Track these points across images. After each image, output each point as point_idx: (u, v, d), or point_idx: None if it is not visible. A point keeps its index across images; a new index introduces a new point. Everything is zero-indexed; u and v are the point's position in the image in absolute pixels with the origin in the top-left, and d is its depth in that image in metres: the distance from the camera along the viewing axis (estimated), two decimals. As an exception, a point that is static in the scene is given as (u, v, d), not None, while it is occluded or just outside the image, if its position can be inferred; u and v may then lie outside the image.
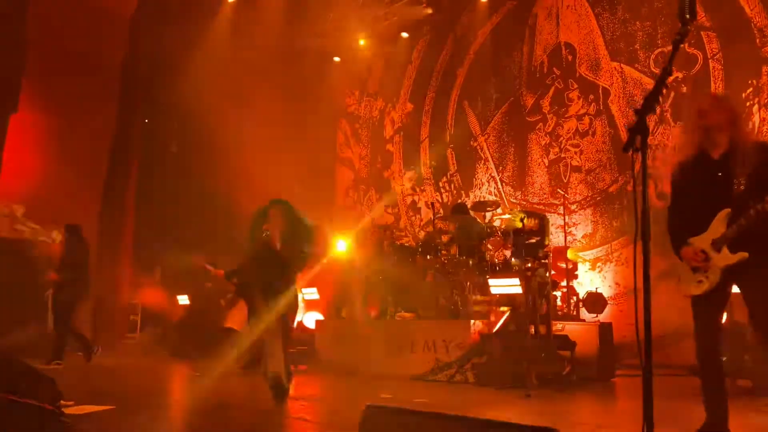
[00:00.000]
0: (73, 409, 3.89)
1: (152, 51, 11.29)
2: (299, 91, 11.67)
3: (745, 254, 3.20)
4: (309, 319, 8.40)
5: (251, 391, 5.21)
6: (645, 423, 1.83)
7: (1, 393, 3.42)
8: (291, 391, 4.80)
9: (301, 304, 9.03)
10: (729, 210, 3.24)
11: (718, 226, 3.28)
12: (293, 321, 6.02)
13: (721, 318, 3.66)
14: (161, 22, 10.75)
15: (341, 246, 9.56)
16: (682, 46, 7.97)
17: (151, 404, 4.85)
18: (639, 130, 1.91)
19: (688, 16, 2.30)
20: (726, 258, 3.24)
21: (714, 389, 3.40)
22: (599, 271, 8.53)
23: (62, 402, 3.63)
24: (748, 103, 7.46)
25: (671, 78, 8.08)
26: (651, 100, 2.01)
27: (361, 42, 11.76)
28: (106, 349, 10.20)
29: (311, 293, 8.54)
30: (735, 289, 3.51)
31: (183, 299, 9.96)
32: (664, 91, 8.27)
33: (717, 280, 3.27)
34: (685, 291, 3.44)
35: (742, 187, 3.23)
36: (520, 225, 6.60)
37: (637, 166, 2.11)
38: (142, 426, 3.80)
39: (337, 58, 12.31)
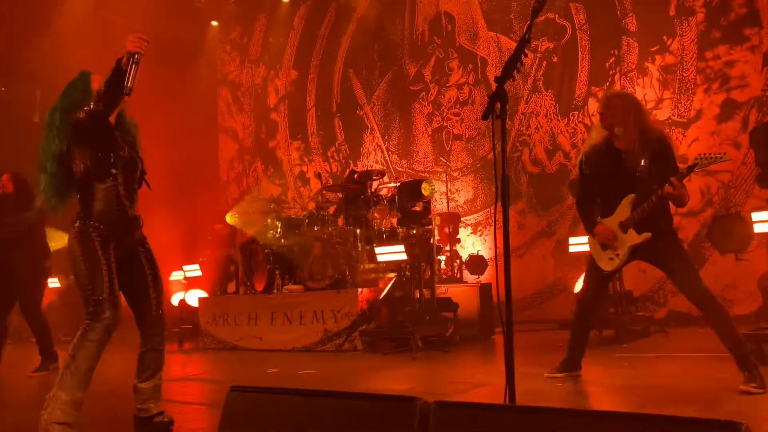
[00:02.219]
0: None
1: (3, 14, 10.21)
2: (175, 57, 11.00)
3: (649, 234, 3.62)
4: (192, 297, 8.10)
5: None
6: (507, 383, 1.91)
7: None
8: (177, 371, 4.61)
9: (183, 282, 8.69)
10: (634, 195, 3.66)
11: (624, 210, 3.70)
12: None
13: (608, 286, 4.26)
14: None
15: (226, 219, 9.25)
16: (551, 16, 8.26)
17: (12, 394, 4.48)
18: (498, 97, 1.94)
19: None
20: (633, 238, 3.67)
21: (580, 339, 4.00)
22: (480, 235, 8.89)
23: None
24: (611, 72, 7.97)
25: (543, 48, 8.45)
26: (509, 67, 2.06)
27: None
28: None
29: (194, 270, 8.22)
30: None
31: (54, 282, 9.24)
32: (532, 58, 8.57)
33: (626, 257, 3.72)
34: (599, 265, 3.86)
35: (644, 172, 3.63)
36: (427, 193, 6.74)
37: (498, 134, 2.15)
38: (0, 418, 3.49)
39: (214, 22, 11.73)
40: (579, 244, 6.28)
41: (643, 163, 3.64)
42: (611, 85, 7.94)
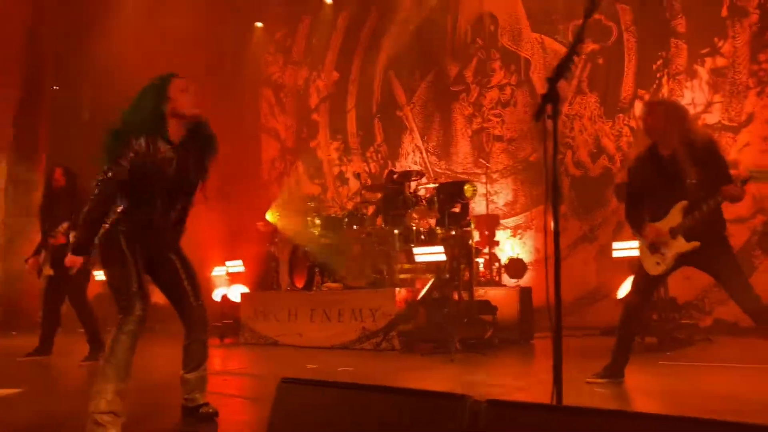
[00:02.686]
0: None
1: (62, 16, 10.62)
2: (220, 58, 11.24)
3: (698, 243, 3.61)
4: (234, 292, 8.25)
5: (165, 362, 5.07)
6: (555, 383, 1.91)
7: None
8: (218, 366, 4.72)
9: (226, 278, 8.87)
10: (686, 202, 3.64)
11: (675, 216, 3.68)
12: None
13: (655, 292, 4.22)
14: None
15: (268, 218, 9.40)
16: (598, 17, 8.13)
17: (65, 383, 4.65)
18: (550, 97, 1.94)
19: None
20: (681, 245, 3.66)
21: (624, 345, 3.93)
22: (520, 238, 8.80)
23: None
24: (658, 74, 7.81)
25: (588, 49, 8.33)
26: (561, 68, 2.05)
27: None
28: (20, 330, 9.72)
29: (236, 266, 8.38)
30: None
31: (100, 274, 9.53)
32: (576, 60, 8.46)
33: (672, 263, 3.71)
34: (646, 270, 3.84)
35: (693, 181, 3.61)
36: (470, 194, 6.76)
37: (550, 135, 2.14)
38: (50, 408, 3.64)
39: (259, 24, 11.92)
40: (623, 249, 6.17)
41: (692, 171, 3.60)
42: (658, 88, 7.78)
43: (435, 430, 1.44)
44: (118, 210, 2.99)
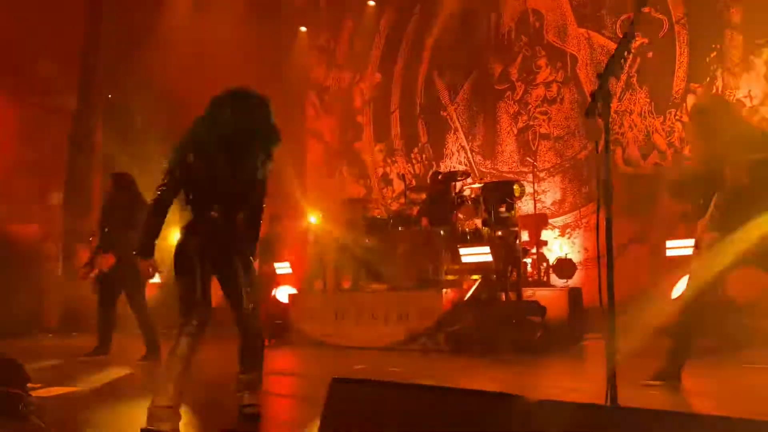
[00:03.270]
0: (41, 392, 3.83)
1: (115, 25, 10.99)
2: (265, 63, 11.43)
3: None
4: (282, 293, 8.37)
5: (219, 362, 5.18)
6: (608, 383, 1.87)
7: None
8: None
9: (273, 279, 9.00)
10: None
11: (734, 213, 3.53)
12: None
13: (714, 292, 3.99)
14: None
15: (313, 220, 9.51)
16: (647, 10, 7.93)
17: (123, 383, 4.81)
18: (601, 94, 1.90)
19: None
20: (743, 240, 3.49)
21: (681, 347, 3.82)
22: (568, 237, 8.64)
23: (30, 385, 3.58)
24: (712, 67, 7.54)
25: (637, 43, 8.11)
26: (613, 64, 2.01)
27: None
28: (80, 331, 10.11)
29: (284, 267, 8.50)
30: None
31: (155, 279, 9.81)
32: (628, 56, 8.20)
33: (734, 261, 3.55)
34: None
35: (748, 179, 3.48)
36: (518, 194, 6.70)
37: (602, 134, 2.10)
38: (112, 407, 3.76)
39: (303, 28, 12.07)
40: (676, 248, 5.99)
41: (747, 168, 3.46)
42: (712, 81, 7.52)
43: (487, 430, 1.43)
44: (187, 219, 3.17)
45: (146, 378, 4.91)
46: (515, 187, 6.62)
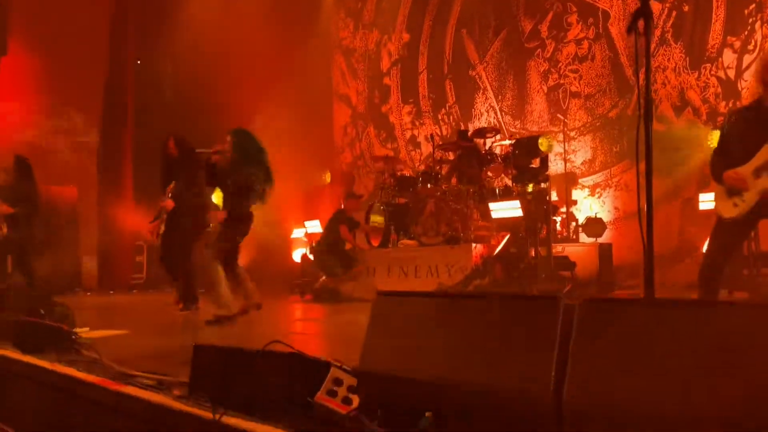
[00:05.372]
0: (88, 334, 4.01)
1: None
2: (293, 27, 11.41)
3: None
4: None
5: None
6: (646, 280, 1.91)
7: (22, 316, 3.61)
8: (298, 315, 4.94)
9: (304, 239, 9.15)
10: None
11: (763, 155, 3.44)
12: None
13: (737, 247, 3.90)
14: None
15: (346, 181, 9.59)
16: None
17: (164, 327, 5.00)
18: (642, 13, 1.90)
19: None
20: (765, 183, 3.40)
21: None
22: (599, 197, 8.58)
23: (77, 328, 3.77)
24: (750, 20, 7.32)
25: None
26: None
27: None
28: (116, 290, 10.45)
29: (314, 226, 8.63)
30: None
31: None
32: (659, 8, 7.94)
33: (753, 203, 3.45)
34: (720, 213, 3.63)
35: None
36: (545, 148, 6.67)
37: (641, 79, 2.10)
38: (155, 344, 3.93)
39: (330, -11, 12.00)
40: (710, 201, 5.91)
41: None
42: (750, 34, 7.31)
43: (532, 329, 1.50)
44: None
45: (185, 324, 5.11)
46: (540, 140, 6.58)
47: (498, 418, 1.45)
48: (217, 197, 6.11)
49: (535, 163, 6.82)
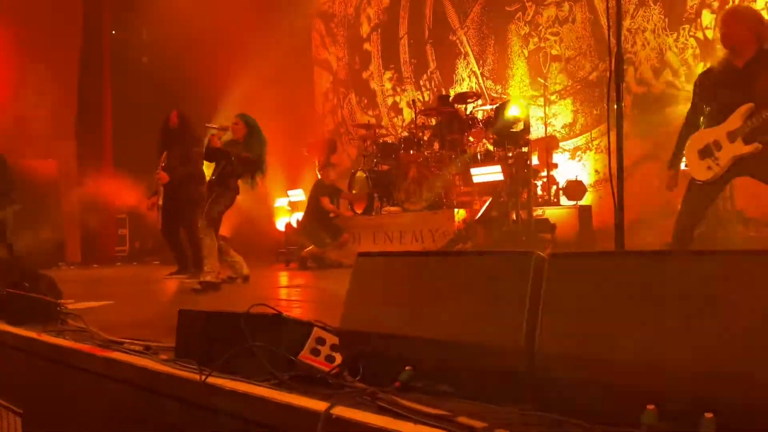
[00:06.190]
0: (73, 305, 4.03)
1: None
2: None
3: (759, 145, 3.39)
4: (296, 219, 8.54)
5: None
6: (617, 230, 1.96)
7: (7, 288, 3.61)
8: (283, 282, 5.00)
9: (287, 208, 9.16)
10: (751, 105, 3.41)
11: (735, 119, 3.48)
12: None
13: (708, 207, 4.00)
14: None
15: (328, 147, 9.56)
16: None
17: (149, 297, 5.03)
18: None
19: None
20: (739, 148, 3.45)
21: None
22: (579, 160, 8.65)
23: (62, 300, 3.79)
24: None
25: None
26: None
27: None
28: (99, 263, 10.42)
29: (297, 195, 8.64)
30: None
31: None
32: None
33: (726, 168, 3.51)
34: (693, 175, 3.71)
35: (763, 86, 3.40)
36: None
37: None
38: (141, 313, 3.97)
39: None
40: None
41: (763, 75, 3.43)
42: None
43: (505, 283, 1.55)
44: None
45: (176, 290, 5.15)
46: (507, 107, 6.61)
47: (474, 368, 1.51)
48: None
49: (519, 127, 6.86)
